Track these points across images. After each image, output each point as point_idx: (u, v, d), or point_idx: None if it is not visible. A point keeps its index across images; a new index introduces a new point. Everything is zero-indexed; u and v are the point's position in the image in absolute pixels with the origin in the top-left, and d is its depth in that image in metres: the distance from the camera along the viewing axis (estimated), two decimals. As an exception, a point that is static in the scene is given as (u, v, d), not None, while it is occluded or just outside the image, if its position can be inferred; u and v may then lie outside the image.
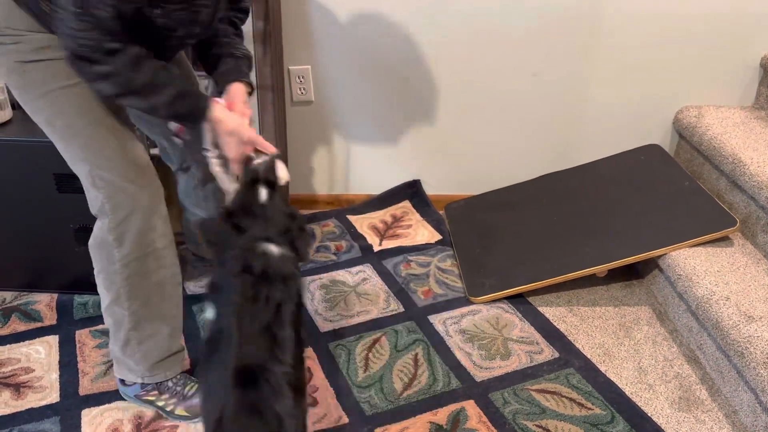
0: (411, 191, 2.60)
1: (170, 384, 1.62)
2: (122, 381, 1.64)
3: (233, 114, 1.43)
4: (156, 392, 1.61)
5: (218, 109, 1.40)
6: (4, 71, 1.37)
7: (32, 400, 1.65)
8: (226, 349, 1.18)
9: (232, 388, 1.17)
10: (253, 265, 1.24)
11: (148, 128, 1.76)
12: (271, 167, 1.38)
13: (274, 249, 1.28)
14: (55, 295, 2.01)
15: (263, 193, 1.33)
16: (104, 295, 1.53)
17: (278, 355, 1.20)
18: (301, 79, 2.38)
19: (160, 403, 1.62)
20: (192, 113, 1.39)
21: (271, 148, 1.44)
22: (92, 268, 1.95)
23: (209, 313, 1.28)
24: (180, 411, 1.61)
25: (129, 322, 1.52)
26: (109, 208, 1.42)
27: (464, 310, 2.01)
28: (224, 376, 1.14)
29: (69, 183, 1.85)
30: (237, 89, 1.50)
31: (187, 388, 1.63)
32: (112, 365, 1.74)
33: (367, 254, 2.28)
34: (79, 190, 1.84)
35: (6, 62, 1.35)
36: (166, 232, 1.52)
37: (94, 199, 1.45)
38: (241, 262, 1.24)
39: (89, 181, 1.43)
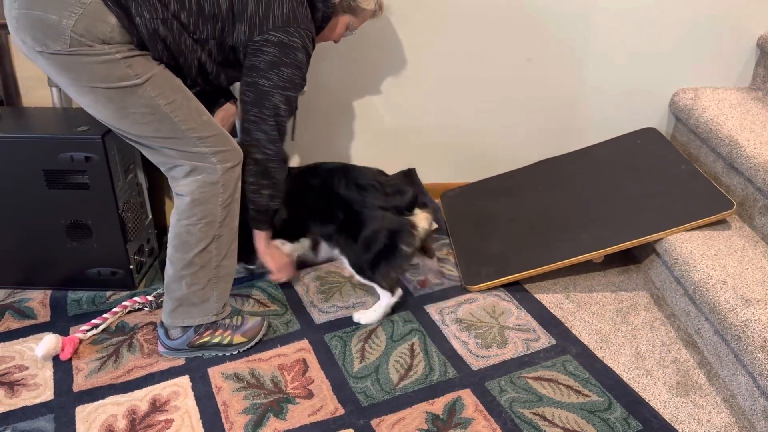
0: (407, 180, 2.58)
1: (222, 321, 1.78)
2: (167, 335, 1.75)
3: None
4: (210, 331, 1.75)
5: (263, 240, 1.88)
6: (101, 75, 1.50)
7: (26, 398, 1.64)
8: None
9: None
10: None
11: None
12: None
13: None
14: (49, 292, 2.00)
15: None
16: (200, 241, 1.66)
17: None
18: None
19: (216, 339, 1.76)
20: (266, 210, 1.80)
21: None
22: (85, 265, 1.95)
23: None
24: (237, 339, 1.77)
25: (216, 260, 1.69)
26: (217, 160, 1.61)
27: (461, 298, 2.00)
28: None
29: (59, 179, 1.84)
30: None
31: (235, 320, 1.79)
32: (106, 360, 1.74)
33: (362, 244, 2.26)
34: (69, 185, 1.84)
35: (103, 66, 1.49)
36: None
37: (198, 157, 1.60)
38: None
39: (192, 143, 1.59)
